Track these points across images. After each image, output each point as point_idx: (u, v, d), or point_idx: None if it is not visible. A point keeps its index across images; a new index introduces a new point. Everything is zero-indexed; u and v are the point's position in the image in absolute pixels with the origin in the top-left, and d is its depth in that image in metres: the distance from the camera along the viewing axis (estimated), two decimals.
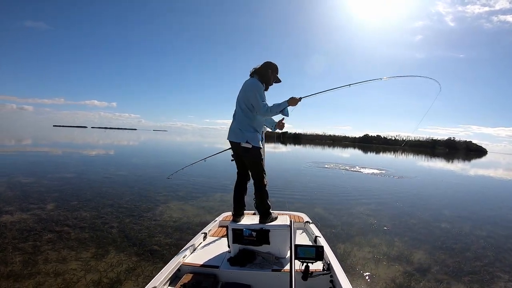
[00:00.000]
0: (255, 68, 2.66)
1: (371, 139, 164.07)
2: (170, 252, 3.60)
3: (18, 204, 5.27)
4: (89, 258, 3.36)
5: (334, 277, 2.03)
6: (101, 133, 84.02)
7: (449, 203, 8.04)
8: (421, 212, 6.49)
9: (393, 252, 3.99)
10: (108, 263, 3.26)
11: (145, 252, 3.58)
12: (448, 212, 6.87)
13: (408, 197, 8.48)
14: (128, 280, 2.94)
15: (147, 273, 3.07)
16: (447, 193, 10.18)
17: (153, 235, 4.17)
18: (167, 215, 5.15)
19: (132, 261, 3.34)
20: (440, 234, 4.98)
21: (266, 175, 2.57)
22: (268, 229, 2.38)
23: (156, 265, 3.24)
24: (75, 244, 3.72)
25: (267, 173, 2.61)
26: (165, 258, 3.42)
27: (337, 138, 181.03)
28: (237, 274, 2.18)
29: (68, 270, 3.08)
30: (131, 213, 5.18)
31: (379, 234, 4.73)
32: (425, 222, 5.73)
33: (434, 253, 4.09)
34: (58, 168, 10.03)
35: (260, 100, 2.46)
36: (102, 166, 11.12)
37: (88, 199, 5.96)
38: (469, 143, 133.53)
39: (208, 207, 5.87)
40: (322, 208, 6.32)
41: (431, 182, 13.08)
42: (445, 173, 18.75)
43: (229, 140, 2.59)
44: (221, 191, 7.43)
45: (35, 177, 7.92)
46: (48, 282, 2.84)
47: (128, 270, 3.13)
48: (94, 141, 33.19)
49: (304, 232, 3.08)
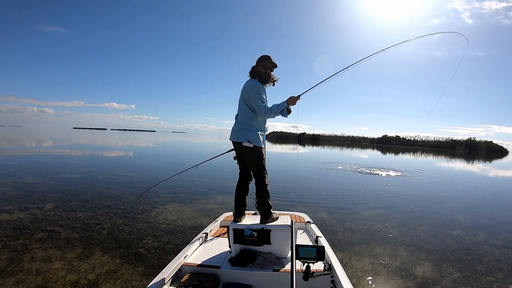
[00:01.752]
0: (253, 67, 2.71)
1: (390, 140, 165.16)
2: (155, 255, 3.65)
3: (18, 203, 5.60)
4: (74, 259, 3.48)
5: (335, 277, 2.07)
6: (119, 135, 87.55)
7: (464, 207, 7.67)
8: (432, 218, 6.19)
9: (395, 264, 3.78)
10: (90, 264, 3.36)
11: (130, 254, 3.65)
12: (463, 217, 6.49)
13: (421, 201, 8.14)
14: (106, 283, 3.00)
15: (126, 277, 3.12)
16: (463, 196, 9.77)
17: (142, 237, 4.24)
18: (161, 217, 5.24)
19: (114, 263, 3.41)
20: (450, 243, 4.66)
21: (268, 175, 2.65)
22: (269, 229, 2.44)
23: (136, 269, 3.29)
24: (63, 244, 3.87)
25: (270, 173, 2.68)
26: (148, 261, 3.48)
27: (356, 139, 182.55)
28: (238, 274, 2.24)
29: (51, 269, 3.21)
30: (126, 214, 5.32)
31: (383, 243, 4.51)
32: (435, 229, 5.41)
33: (441, 265, 3.82)
34: (66, 169, 10.56)
35: (259, 102, 2.53)
36: (110, 167, 11.56)
37: (87, 199, 6.21)
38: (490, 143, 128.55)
39: (206, 210, 5.90)
40: (326, 211, 6.17)
41: (448, 184, 12.65)
42: (464, 175, 18.15)
43: (232, 140, 2.69)
44: (221, 193, 7.45)
45: (41, 178, 8.39)
46: (28, 280, 2.98)
47: (108, 273, 3.20)
48: (110, 143, 34.69)
49: (305, 232, 3.15)
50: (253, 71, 2.68)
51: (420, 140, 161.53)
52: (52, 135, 52.34)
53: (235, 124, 2.71)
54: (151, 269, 3.29)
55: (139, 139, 51.72)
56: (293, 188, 8.82)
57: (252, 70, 2.70)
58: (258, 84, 2.59)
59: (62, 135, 53.49)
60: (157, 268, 3.31)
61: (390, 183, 11.65)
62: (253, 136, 2.58)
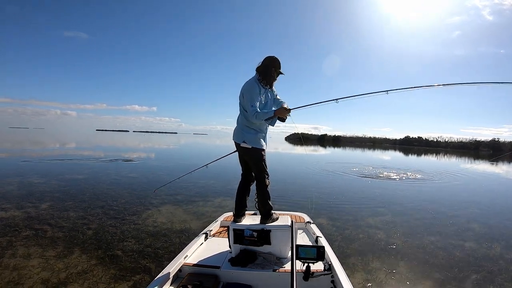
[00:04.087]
0: (266, 65, 2.74)
1: (412, 141, 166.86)
2: (130, 259, 3.74)
3: (17, 202, 6.06)
4: (52, 257, 3.69)
5: (335, 277, 2.16)
6: (141, 136, 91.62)
7: (481, 214, 7.20)
8: (444, 226, 5.83)
9: (391, 282, 3.55)
10: (66, 264, 3.54)
11: (106, 256, 3.78)
12: (478, 226, 6.04)
13: (435, 206, 7.77)
14: (74, 283, 3.14)
15: (95, 278, 3.24)
16: (482, 201, 9.15)
17: (124, 239, 4.38)
18: (151, 220, 5.38)
19: (89, 264, 3.56)
20: (460, 257, 4.30)
21: (269, 176, 2.74)
22: (269, 229, 2.56)
23: (108, 271, 3.40)
24: (46, 242, 4.11)
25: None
26: (121, 264, 3.57)
27: (377, 140, 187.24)
28: (238, 274, 2.35)
29: (28, 266, 3.43)
30: (116, 215, 5.54)
31: (382, 255, 4.26)
32: (445, 239, 5.05)
33: (446, 285, 3.55)
34: (74, 169, 11.26)
35: (249, 105, 2.60)
36: (117, 168, 12.14)
37: (84, 200, 6.55)
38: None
39: (199, 213, 5.95)
40: (327, 217, 6.01)
41: (467, 187, 12.10)
42: (487, 177, 17.31)
43: (233, 140, 2.83)
44: (218, 197, 7.50)
45: (47, 178, 9.01)
46: (3, 274, 3.22)
47: (79, 273, 3.34)
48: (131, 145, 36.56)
49: (305, 232, 3.29)
50: (265, 70, 2.70)
51: (443, 141, 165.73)
52: (76, 137, 56.07)
53: (236, 126, 2.85)
54: (123, 272, 3.39)
55: (159, 141, 53.97)
56: (296, 190, 8.72)
57: (263, 68, 2.71)
58: (254, 86, 2.64)
59: (85, 137, 57.08)
60: (128, 272, 3.41)
61: (404, 185, 11.37)
62: (250, 137, 2.66)
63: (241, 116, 2.77)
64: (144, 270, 3.45)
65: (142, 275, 3.34)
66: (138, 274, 3.37)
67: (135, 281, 3.22)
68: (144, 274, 3.37)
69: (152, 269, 3.47)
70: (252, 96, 2.60)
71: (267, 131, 2.88)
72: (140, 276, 3.32)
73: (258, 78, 2.70)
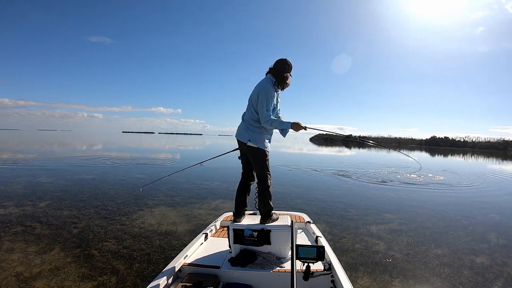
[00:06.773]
0: (271, 68, 2.89)
1: (438, 141, 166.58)
2: (104, 259, 3.95)
3: (18, 200, 6.67)
4: (33, 252, 4.04)
5: (335, 277, 2.26)
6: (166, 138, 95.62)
7: (500, 223, 6.68)
8: (456, 237, 5.47)
9: None
10: (43, 259, 3.85)
11: (82, 255, 4.03)
12: (495, 237, 5.56)
13: (450, 211, 7.43)
14: (44, 278, 3.40)
15: (65, 276, 3.47)
16: (504, 207, 8.49)
17: (105, 239, 4.64)
18: (140, 221, 5.62)
19: (64, 261, 3.83)
20: (468, 276, 3.94)
21: (271, 176, 2.88)
22: (269, 229, 2.68)
23: (80, 270, 3.63)
24: (31, 239, 4.50)
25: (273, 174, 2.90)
26: (94, 265, 3.78)
27: (403, 141, 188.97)
28: (238, 274, 2.48)
29: (8, 259, 3.80)
30: (107, 215, 5.87)
31: (375, 271, 4.04)
32: (454, 253, 4.68)
33: None
34: (84, 170, 12.07)
35: (264, 108, 2.73)
36: (126, 169, 12.79)
37: (82, 199, 7.03)
38: None
39: (192, 216, 6.08)
40: (325, 223, 5.89)
41: (490, 192, 11.28)
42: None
43: (236, 138, 2.95)
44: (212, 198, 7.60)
45: (55, 178, 9.80)
46: None
47: (52, 269, 3.61)
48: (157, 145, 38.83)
49: (305, 232, 3.43)
50: (278, 73, 2.82)
51: (470, 141, 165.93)
52: (103, 138, 60.14)
53: (241, 123, 2.95)
54: (92, 272, 3.59)
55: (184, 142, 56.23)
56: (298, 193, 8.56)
57: (276, 72, 2.83)
58: (270, 89, 2.76)
59: (112, 138, 60.91)
60: (96, 272, 3.61)
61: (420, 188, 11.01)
62: (256, 137, 2.79)
63: (248, 113, 2.86)
64: (112, 271, 3.62)
65: (108, 276, 3.51)
66: (105, 274, 3.54)
67: (100, 281, 3.39)
68: (111, 275, 3.53)
69: (120, 270, 3.64)
70: (268, 99, 2.71)
71: (272, 133, 2.98)
72: (106, 277, 3.50)
73: (273, 81, 2.82)
